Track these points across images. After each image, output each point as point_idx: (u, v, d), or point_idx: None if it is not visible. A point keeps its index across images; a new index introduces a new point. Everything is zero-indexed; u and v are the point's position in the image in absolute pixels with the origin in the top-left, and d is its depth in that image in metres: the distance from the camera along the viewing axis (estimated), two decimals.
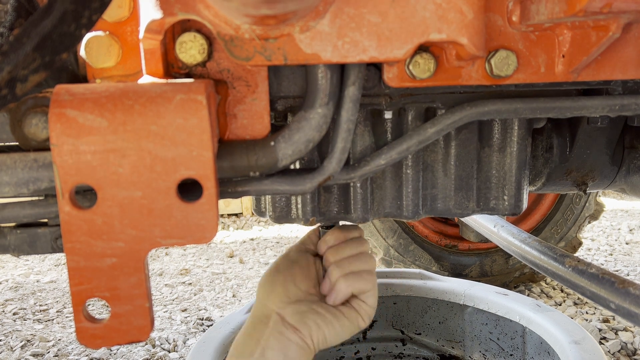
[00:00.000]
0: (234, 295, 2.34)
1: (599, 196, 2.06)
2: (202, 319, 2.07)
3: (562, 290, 2.23)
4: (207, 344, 1.18)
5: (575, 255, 1.28)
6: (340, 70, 0.60)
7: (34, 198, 0.58)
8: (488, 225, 1.31)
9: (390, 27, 0.55)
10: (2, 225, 0.59)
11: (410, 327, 1.47)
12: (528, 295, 2.16)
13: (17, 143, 0.58)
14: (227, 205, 3.69)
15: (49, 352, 1.83)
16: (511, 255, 1.67)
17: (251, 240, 3.20)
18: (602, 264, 2.54)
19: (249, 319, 0.80)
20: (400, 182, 0.78)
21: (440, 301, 1.42)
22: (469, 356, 1.42)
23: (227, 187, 0.61)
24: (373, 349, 1.47)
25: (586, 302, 2.10)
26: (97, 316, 0.53)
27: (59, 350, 1.86)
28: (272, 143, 0.60)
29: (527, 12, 0.58)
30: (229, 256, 2.89)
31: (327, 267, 0.82)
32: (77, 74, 0.64)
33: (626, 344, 1.76)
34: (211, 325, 2.01)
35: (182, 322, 2.06)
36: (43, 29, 0.47)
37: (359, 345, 1.47)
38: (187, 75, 0.59)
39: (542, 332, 1.20)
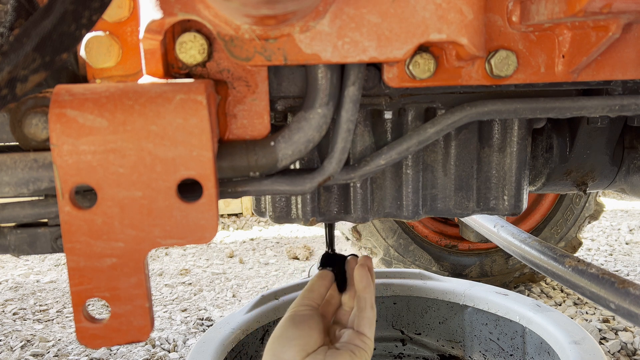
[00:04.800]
0: (233, 295, 2.34)
1: (599, 196, 2.06)
2: (202, 319, 2.07)
3: (562, 290, 2.23)
4: (207, 344, 1.18)
5: (575, 255, 1.28)
6: (340, 71, 0.60)
7: (34, 198, 0.58)
8: (488, 225, 1.31)
9: (390, 27, 0.55)
10: (2, 225, 0.59)
11: (410, 327, 1.47)
12: (528, 295, 2.16)
13: (17, 143, 0.58)
14: (227, 205, 3.69)
15: (49, 352, 1.83)
16: (511, 256, 1.67)
17: (251, 240, 3.20)
18: (602, 264, 2.54)
19: None
20: (400, 182, 0.78)
21: (440, 301, 1.42)
22: (469, 356, 1.42)
23: (227, 187, 0.61)
24: (373, 349, 1.47)
25: (586, 302, 2.10)
26: (97, 316, 0.53)
27: (59, 350, 1.86)
28: (272, 143, 0.60)
29: (527, 12, 0.58)
30: (229, 256, 2.89)
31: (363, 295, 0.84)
32: (77, 74, 0.64)
33: (626, 344, 1.76)
34: (211, 325, 2.01)
35: (182, 322, 2.06)
36: (43, 29, 0.47)
37: None
38: (187, 76, 0.59)
39: (542, 332, 1.20)
